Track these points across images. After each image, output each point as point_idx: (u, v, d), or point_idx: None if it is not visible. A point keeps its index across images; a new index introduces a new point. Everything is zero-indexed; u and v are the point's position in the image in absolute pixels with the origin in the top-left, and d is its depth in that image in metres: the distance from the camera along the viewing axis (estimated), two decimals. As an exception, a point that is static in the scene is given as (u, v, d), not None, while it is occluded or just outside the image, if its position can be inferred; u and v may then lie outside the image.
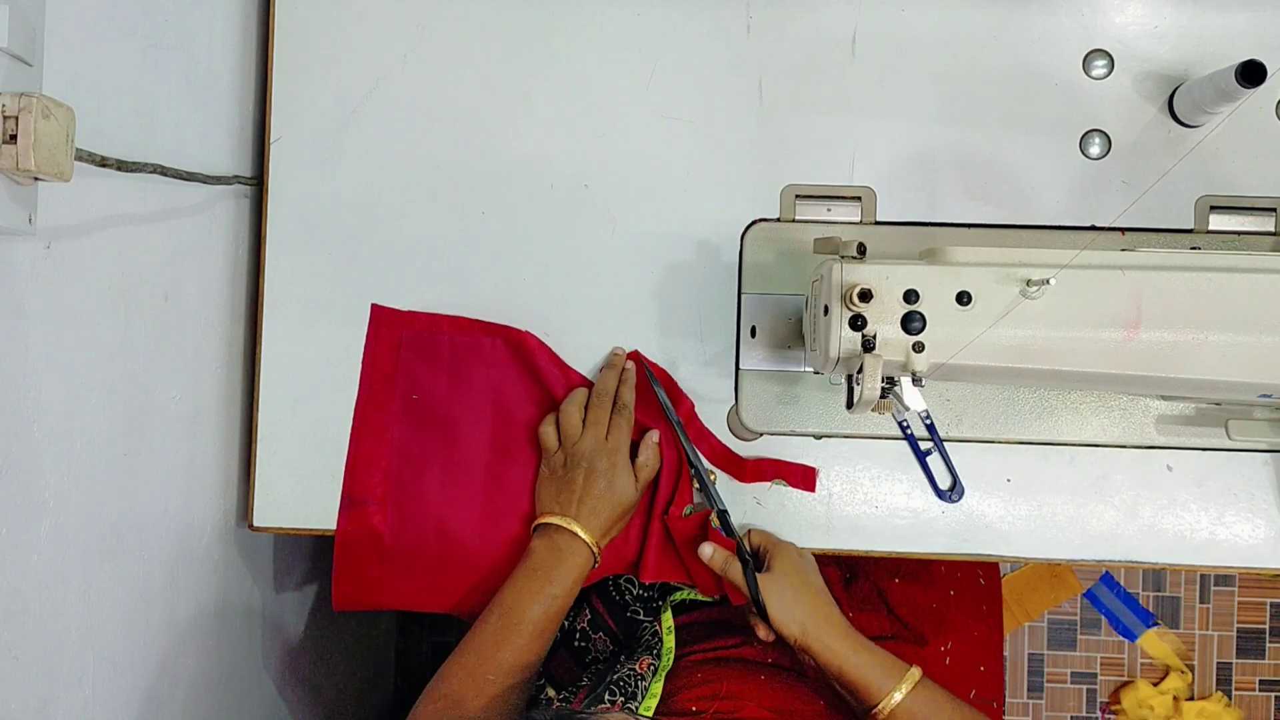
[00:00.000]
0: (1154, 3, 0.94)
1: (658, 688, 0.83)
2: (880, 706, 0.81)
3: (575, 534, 0.87)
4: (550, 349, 0.95)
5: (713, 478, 0.94)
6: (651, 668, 0.86)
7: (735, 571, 0.86)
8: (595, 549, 0.88)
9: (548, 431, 0.92)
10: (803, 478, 0.94)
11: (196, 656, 0.92)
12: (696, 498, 0.93)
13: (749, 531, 0.92)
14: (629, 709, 0.81)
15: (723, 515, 0.90)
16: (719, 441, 0.95)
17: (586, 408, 0.92)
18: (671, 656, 0.89)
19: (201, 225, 0.89)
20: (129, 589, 0.79)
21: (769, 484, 0.94)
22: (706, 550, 0.88)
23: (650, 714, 0.80)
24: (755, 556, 0.90)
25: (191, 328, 0.88)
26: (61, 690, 0.70)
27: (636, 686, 0.84)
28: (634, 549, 0.94)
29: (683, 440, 0.92)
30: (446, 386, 0.96)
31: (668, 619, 0.93)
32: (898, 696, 0.81)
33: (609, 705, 0.81)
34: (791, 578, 0.86)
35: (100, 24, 0.72)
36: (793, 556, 0.88)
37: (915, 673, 0.82)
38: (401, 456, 0.96)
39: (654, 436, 0.92)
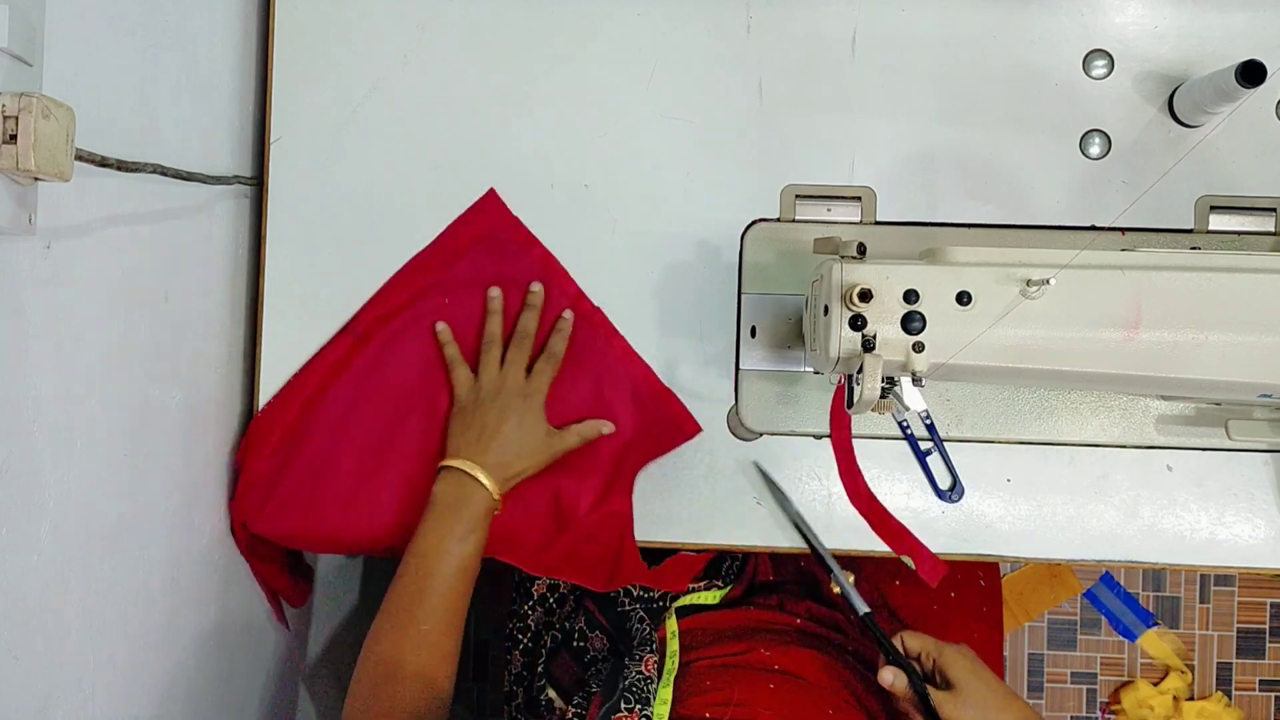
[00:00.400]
0: (1154, 3, 0.94)
1: (667, 693, 0.83)
2: None
3: (475, 478, 0.85)
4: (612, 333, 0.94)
5: (850, 579, 0.87)
6: (657, 668, 0.86)
7: (903, 685, 0.80)
8: (495, 493, 0.85)
9: (462, 369, 0.91)
10: (930, 567, 0.91)
11: (196, 657, 0.92)
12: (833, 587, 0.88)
13: (900, 636, 0.83)
14: (645, 716, 0.80)
15: (868, 619, 0.83)
16: (865, 484, 0.93)
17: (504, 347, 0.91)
18: (676, 660, 0.89)
19: (201, 225, 0.89)
20: (129, 589, 0.79)
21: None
22: (888, 677, 0.80)
23: None
24: (919, 663, 0.82)
25: (191, 328, 0.88)
26: (61, 690, 0.70)
27: (647, 690, 0.83)
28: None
29: (815, 543, 0.88)
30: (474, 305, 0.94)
31: (673, 624, 0.92)
32: None
33: (626, 714, 0.80)
34: (981, 693, 0.78)
35: (100, 24, 0.72)
36: (966, 664, 0.80)
37: None
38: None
39: (605, 427, 0.91)
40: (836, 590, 0.86)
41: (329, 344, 0.95)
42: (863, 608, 0.83)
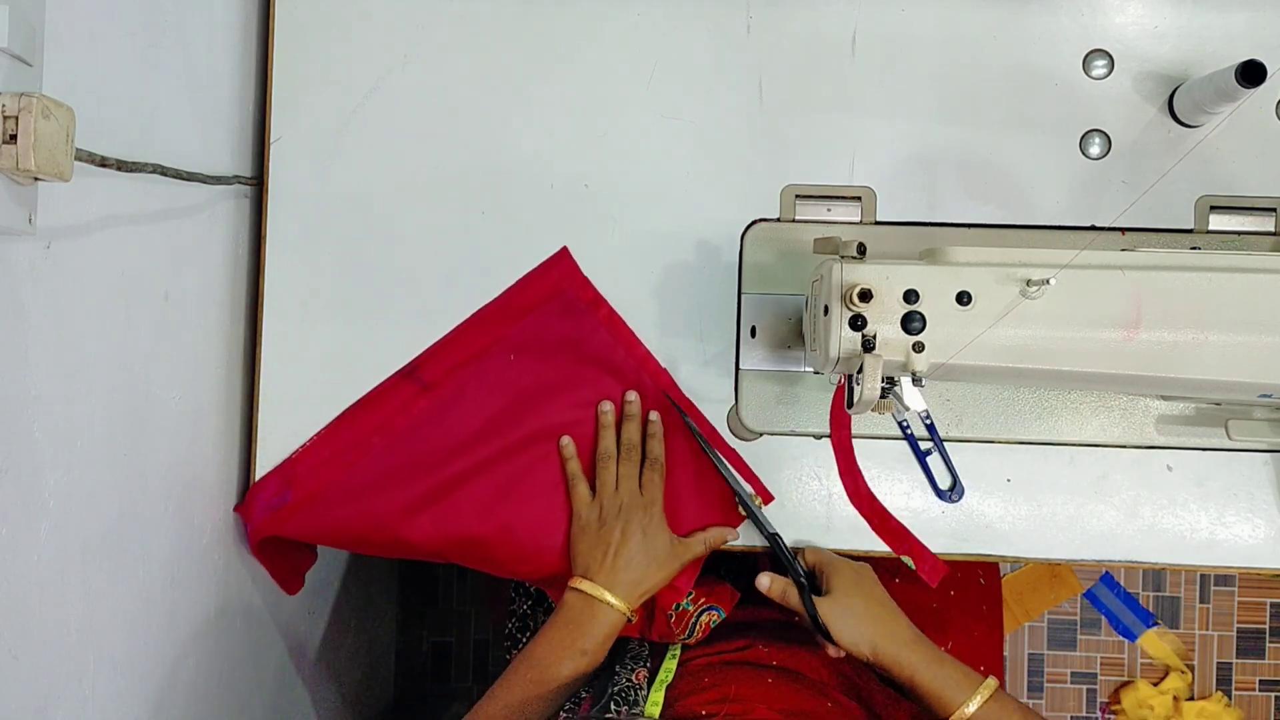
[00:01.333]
0: (1154, 3, 0.94)
1: (658, 696, 0.83)
2: (954, 718, 0.80)
3: (604, 601, 0.86)
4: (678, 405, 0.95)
5: (757, 502, 0.92)
6: (648, 679, 0.86)
7: (794, 597, 0.85)
8: (628, 612, 0.86)
9: (582, 485, 0.92)
10: (930, 567, 0.93)
11: (196, 656, 0.92)
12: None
13: (802, 551, 0.90)
14: (635, 715, 0.81)
15: (774, 539, 0.89)
16: (865, 484, 0.94)
17: (617, 462, 0.92)
18: (676, 661, 0.89)
19: (201, 225, 0.89)
20: (129, 589, 0.79)
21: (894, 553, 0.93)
22: (764, 581, 0.87)
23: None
24: (811, 577, 0.88)
25: (191, 328, 0.88)
26: (61, 690, 0.70)
27: (636, 696, 0.84)
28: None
29: (721, 467, 0.91)
30: (549, 363, 0.95)
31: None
32: (972, 707, 0.79)
33: (615, 715, 0.80)
34: (853, 597, 0.84)
35: (100, 24, 0.72)
36: (850, 574, 0.86)
37: (991, 683, 0.81)
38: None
39: (729, 534, 0.92)
40: (743, 514, 0.91)
41: (388, 384, 0.96)
42: (770, 528, 0.89)
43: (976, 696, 0.80)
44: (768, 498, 0.94)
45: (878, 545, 0.94)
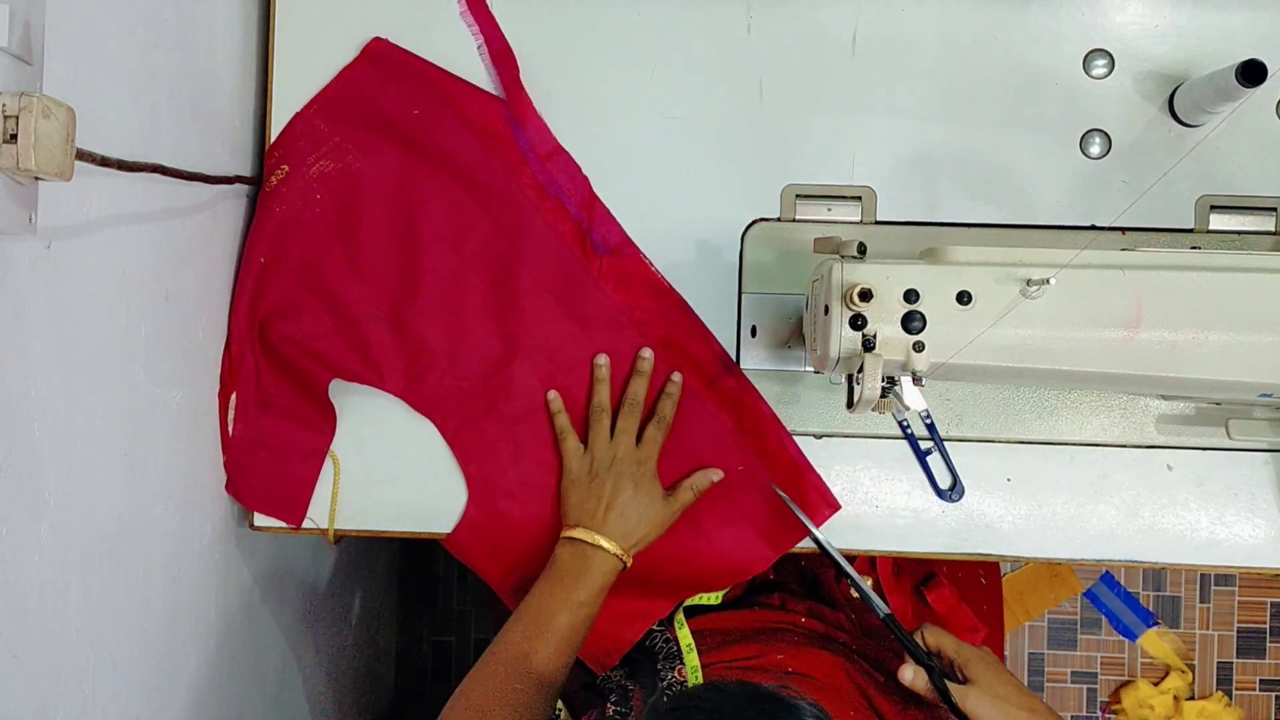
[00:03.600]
0: (1154, 3, 0.94)
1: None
2: None
3: (598, 546, 0.86)
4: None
5: (868, 581, 0.89)
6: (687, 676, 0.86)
7: (923, 682, 0.81)
8: (623, 556, 0.86)
9: (572, 439, 0.91)
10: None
11: (196, 656, 0.92)
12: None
13: (920, 631, 0.84)
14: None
15: (889, 620, 0.84)
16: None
17: (616, 414, 0.91)
18: (699, 670, 0.89)
19: (201, 225, 0.89)
20: (129, 589, 0.79)
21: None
22: (908, 674, 0.81)
23: None
24: (939, 658, 0.83)
25: (191, 328, 0.88)
26: (61, 690, 0.70)
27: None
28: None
29: (832, 554, 0.87)
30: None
31: (685, 635, 0.92)
32: None
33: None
34: (998, 686, 0.79)
35: (100, 24, 0.72)
36: (991, 661, 0.82)
37: None
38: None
39: (715, 475, 0.91)
40: (855, 594, 0.86)
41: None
42: (883, 609, 0.84)
43: None
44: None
45: (878, 545, 0.94)
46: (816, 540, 0.88)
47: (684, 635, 0.91)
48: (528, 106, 0.94)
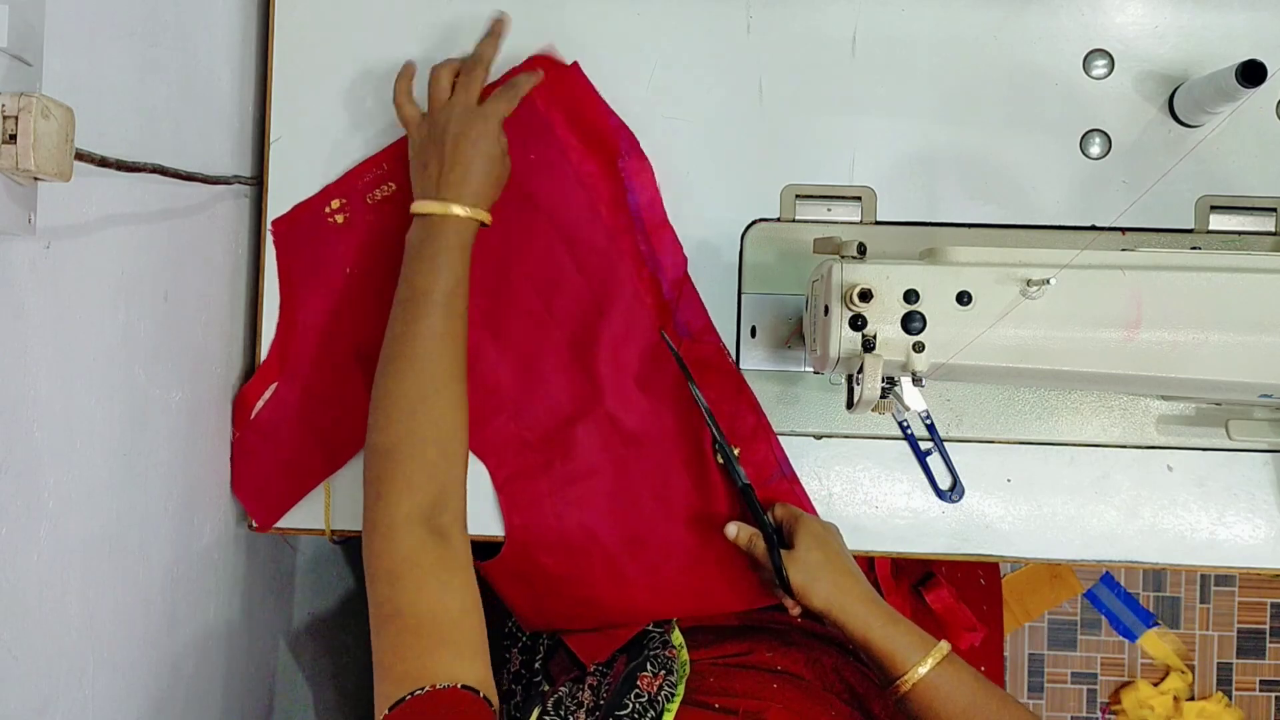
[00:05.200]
0: (1154, 3, 0.94)
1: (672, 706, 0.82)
2: (905, 678, 0.79)
3: (451, 214, 0.83)
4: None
5: (737, 452, 0.92)
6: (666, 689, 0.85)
7: (760, 547, 0.86)
8: (476, 215, 0.84)
9: (410, 108, 0.89)
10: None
11: (196, 657, 0.92)
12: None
13: (773, 507, 0.91)
14: (670, 683, 0.81)
15: (746, 490, 0.88)
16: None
17: (457, 73, 0.89)
18: (687, 667, 0.89)
19: (201, 225, 0.89)
20: (129, 589, 0.79)
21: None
22: (731, 529, 0.87)
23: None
24: (779, 532, 0.88)
25: (191, 328, 0.88)
26: (61, 690, 0.70)
27: (671, 664, 0.84)
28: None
29: (707, 417, 0.90)
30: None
31: (677, 636, 0.92)
32: (923, 669, 0.78)
33: (651, 675, 0.80)
34: (815, 551, 0.84)
35: (100, 24, 0.72)
36: (816, 529, 0.87)
37: (944, 647, 0.80)
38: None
39: (533, 79, 0.90)
40: (720, 461, 0.90)
41: None
42: (742, 479, 0.88)
43: (929, 659, 0.79)
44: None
45: (878, 545, 0.94)
46: (697, 398, 0.89)
47: (676, 636, 0.91)
48: (649, 173, 0.94)
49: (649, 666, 0.82)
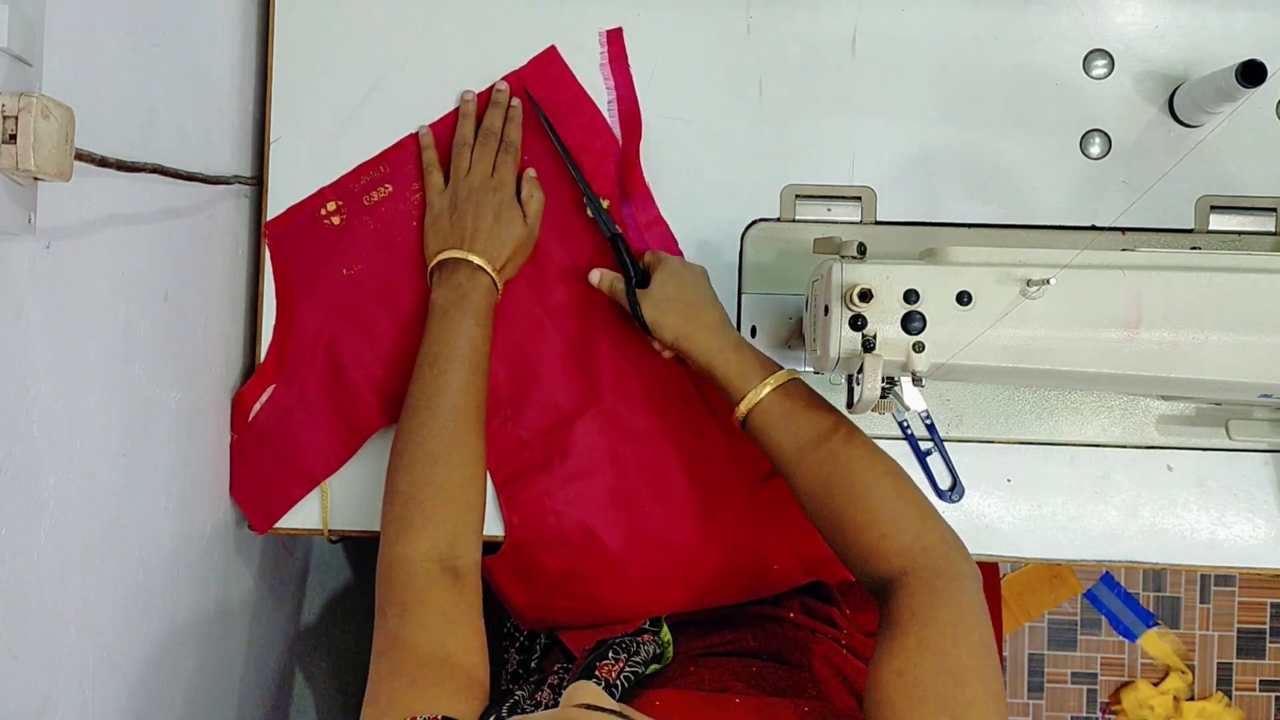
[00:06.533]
0: (1154, 3, 0.94)
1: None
2: (743, 402, 0.80)
3: (472, 263, 0.86)
4: None
5: (606, 203, 0.93)
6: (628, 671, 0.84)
7: (619, 289, 0.88)
8: (495, 276, 0.87)
9: (437, 174, 0.93)
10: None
11: (196, 656, 0.92)
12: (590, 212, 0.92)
13: (643, 254, 0.91)
14: (635, 663, 0.80)
15: (616, 239, 0.90)
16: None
17: (472, 148, 0.92)
18: (670, 650, 0.89)
19: (201, 225, 0.89)
20: (129, 589, 0.79)
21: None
22: (594, 276, 0.89)
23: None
24: (645, 275, 0.89)
25: (191, 328, 0.88)
26: (61, 690, 0.70)
27: (637, 647, 0.84)
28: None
29: (571, 168, 0.92)
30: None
31: (666, 633, 0.92)
32: (764, 391, 0.79)
33: (612, 662, 0.80)
34: (669, 286, 0.85)
35: (100, 24, 0.72)
36: (675, 267, 0.87)
37: (788, 373, 0.81)
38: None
39: (531, 172, 0.93)
40: (590, 214, 0.92)
41: None
42: (613, 229, 0.90)
43: (768, 384, 0.79)
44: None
45: (878, 545, 0.94)
46: (568, 161, 0.91)
47: (665, 633, 0.91)
48: (638, 176, 0.94)
49: (610, 655, 0.82)
